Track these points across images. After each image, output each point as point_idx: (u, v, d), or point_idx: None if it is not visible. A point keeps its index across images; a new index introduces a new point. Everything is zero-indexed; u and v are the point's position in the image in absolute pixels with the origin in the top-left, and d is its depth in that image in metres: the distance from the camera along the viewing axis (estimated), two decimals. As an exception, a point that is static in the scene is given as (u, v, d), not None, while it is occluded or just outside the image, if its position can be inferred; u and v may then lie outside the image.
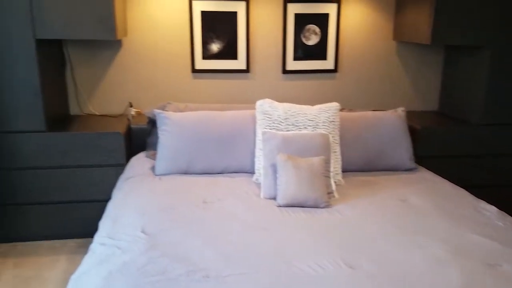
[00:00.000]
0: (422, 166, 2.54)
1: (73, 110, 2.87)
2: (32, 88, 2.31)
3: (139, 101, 2.90)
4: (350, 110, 2.71)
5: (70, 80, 2.81)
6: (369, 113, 2.54)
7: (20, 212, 2.50)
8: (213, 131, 2.30)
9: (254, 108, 2.37)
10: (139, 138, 2.68)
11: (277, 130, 2.19)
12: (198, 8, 2.79)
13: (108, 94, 2.87)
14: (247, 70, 2.94)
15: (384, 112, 2.59)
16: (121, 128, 2.52)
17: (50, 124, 2.44)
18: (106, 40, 2.76)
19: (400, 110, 2.58)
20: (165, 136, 2.30)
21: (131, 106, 2.87)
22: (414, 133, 2.63)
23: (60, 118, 2.66)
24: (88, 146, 2.44)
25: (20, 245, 2.53)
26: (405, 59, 3.09)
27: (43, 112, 2.36)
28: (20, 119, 2.35)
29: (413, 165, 2.46)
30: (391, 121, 2.47)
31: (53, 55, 2.60)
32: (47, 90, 2.42)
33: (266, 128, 2.20)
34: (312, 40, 2.94)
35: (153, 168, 2.32)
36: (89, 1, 2.28)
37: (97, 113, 2.88)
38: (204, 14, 2.80)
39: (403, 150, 2.42)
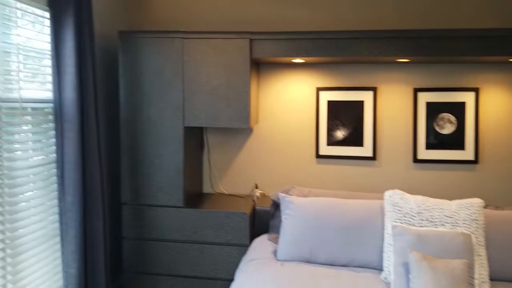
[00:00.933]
0: None
1: (206, 188, 3.13)
2: (176, 168, 2.62)
3: (264, 183, 3.04)
4: (497, 207, 2.42)
5: (206, 162, 3.12)
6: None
7: (149, 282, 2.70)
8: (338, 220, 2.26)
9: (381, 198, 2.28)
10: (262, 220, 2.76)
11: (409, 224, 2.05)
12: (324, 97, 2.93)
13: (237, 175, 3.08)
14: (373, 158, 2.89)
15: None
16: (247, 209, 2.64)
17: (187, 201, 2.69)
18: (240, 128, 3.04)
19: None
20: (288, 221, 2.33)
21: (256, 187, 3.02)
22: None
23: (194, 195, 2.92)
24: (217, 223, 2.60)
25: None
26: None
27: (183, 189, 2.63)
28: (163, 195, 2.65)
29: None
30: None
31: (195, 140, 2.94)
32: (187, 170, 2.71)
33: (396, 222, 2.08)
34: (446, 129, 2.80)
35: (275, 252, 2.33)
36: (228, 96, 2.58)
37: (226, 193, 3.09)
38: (330, 103, 2.92)
39: None
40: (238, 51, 2.54)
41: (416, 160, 2.84)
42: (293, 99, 2.98)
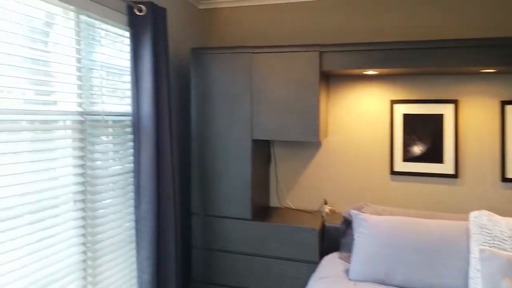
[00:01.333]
0: None
1: (273, 202, 3.11)
2: (244, 181, 2.64)
3: (333, 199, 2.95)
4: None
5: (273, 175, 3.10)
6: None
7: (216, 293, 2.72)
8: (417, 240, 2.10)
9: (464, 219, 2.10)
10: (332, 237, 2.67)
11: (499, 249, 1.85)
12: (399, 111, 2.80)
13: (305, 190, 3.02)
14: (455, 176, 2.68)
15: None
16: (316, 225, 2.57)
17: (254, 213, 2.69)
18: (309, 142, 2.99)
19: None
20: (361, 239, 2.23)
21: (325, 203, 2.93)
22: None
23: (261, 209, 2.91)
24: (284, 238, 2.56)
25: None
26: None
27: (250, 202, 2.63)
28: (231, 206, 2.67)
29: None
30: None
31: (262, 153, 2.95)
32: (255, 183, 2.71)
33: (484, 245, 1.89)
34: (540, 144, 2.53)
35: (346, 271, 2.23)
36: (297, 109, 2.55)
37: (293, 207, 3.04)
38: (407, 116, 2.78)
39: None
40: (307, 64, 2.52)
41: (504, 179, 2.58)
42: (365, 112, 2.88)
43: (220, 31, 3.19)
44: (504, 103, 2.60)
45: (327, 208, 2.88)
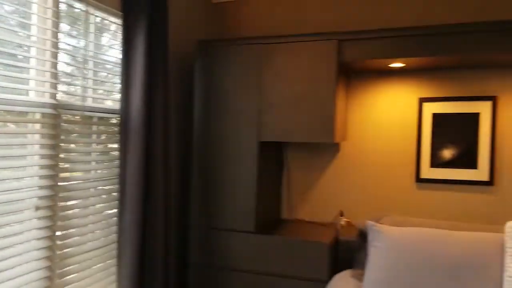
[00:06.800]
0: None
1: (285, 214, 2.93)
2: (249, 188, 2.47)
3: (351, 210, 2.75)
4: None
5: (285, 183, 2.94)
6: None
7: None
8: (440, 256, 1.87)
9: (500, 231, 1.85)
10: (347, 252, 2.47)
11: (541, 268, 1.61)
12: (429, 110, 2.58)
13: (321, 199, 2.84)
14: (490, 183, 2.43)
15: None
16: (326, 239, 2.37)
17: (259, 226, 2.52)
18: (325, 145, 2.81)
19: None
20: (376, 254, 2.02)
21: (341, 215, 2.73)
22: None
23: (270, 220, 2.74)
24: (289, 253, 2.37)
25: None
26: None
27: (255, 213, 2.47)
28: (234, 218, 2.51)
29: None
30: None
31: (273, 158, 2.78)
32: (262, 191, 2.55)
33: (521, 263, 1.65)
34: None
35: (358, 292, 2.03)
36: (310, 107, 2.38)
37: (307, 219, 2.86)
38: (436, 116, 2.56)
39: None
40: (323, 55, 2.35)
41: (551, 186, 2.32)
42: (389, 113, 2.68)
43: (232, 25, 3.08)
44: (550, 99, 2.34)
45: (343, 220, 2.67)
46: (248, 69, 2.49)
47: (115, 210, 2.20)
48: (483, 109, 2.47)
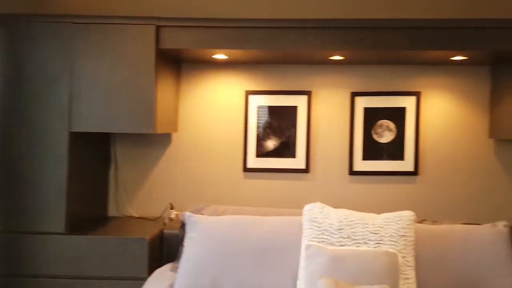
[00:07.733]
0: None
1: (112, 211, 2.78)
2: (58, 186, 2.25)
3: (183, 203, 2.71)
4: (434, 222, 2.20)
5: (112, 179, 2.78)
6: (457, 227, 2.04)
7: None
8: (249, 241, 1.95)
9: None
10: (173, 246, 2.42)
11: (327, 243, 1.78)
12: (255, 102, 2.71)
13: (152, 194, 2.76)
14: (306, 170, 2.66)
15: (479, 226, 2.09)
16: (148, 234, 2.30)
17: (73, 226, 2.31)
18: (156, 137, 2.74)
19: (502, 225, 2.03)
20: (191, 245, 2.01)
21: (171, 208, 2.68)
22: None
23: (88, 220, 2.54)
24: (107, 253, 2.22)
25: None
26: (507, 161, 2.60)
27: (65, 212, 2.25)
28: (42, 219, 2.25)
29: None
30: (488, 239, 1.95)
31: (94, 152, 2.60)
32: (77, 188, 2.35)
33: (312, 241, 1.80)
34: (385, 137, 2.63)
35: (172, 286, 1.99)
36: (129, 95, 2.27)
37: (136, 215, 2.75)
38: (261, 108, 2.70)
39: (506, 281, 1.81)
40: (141, 40, 2.25)
41: (352, 172, 2.65)
42: (219, 104, 2.73)
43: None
44: (354, 94, 2.65)
45: (173, 213, 2.63)
46: (58, 52, 2.26)
47: None
48: (300, 102, 2.68)
